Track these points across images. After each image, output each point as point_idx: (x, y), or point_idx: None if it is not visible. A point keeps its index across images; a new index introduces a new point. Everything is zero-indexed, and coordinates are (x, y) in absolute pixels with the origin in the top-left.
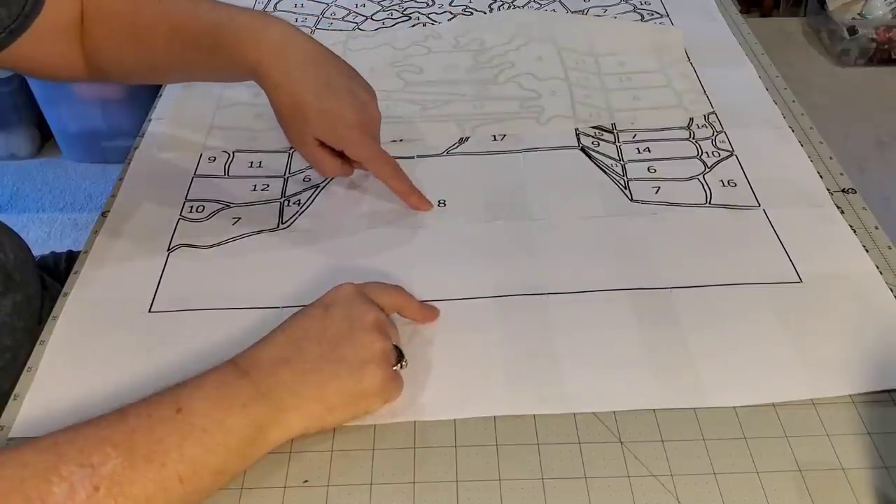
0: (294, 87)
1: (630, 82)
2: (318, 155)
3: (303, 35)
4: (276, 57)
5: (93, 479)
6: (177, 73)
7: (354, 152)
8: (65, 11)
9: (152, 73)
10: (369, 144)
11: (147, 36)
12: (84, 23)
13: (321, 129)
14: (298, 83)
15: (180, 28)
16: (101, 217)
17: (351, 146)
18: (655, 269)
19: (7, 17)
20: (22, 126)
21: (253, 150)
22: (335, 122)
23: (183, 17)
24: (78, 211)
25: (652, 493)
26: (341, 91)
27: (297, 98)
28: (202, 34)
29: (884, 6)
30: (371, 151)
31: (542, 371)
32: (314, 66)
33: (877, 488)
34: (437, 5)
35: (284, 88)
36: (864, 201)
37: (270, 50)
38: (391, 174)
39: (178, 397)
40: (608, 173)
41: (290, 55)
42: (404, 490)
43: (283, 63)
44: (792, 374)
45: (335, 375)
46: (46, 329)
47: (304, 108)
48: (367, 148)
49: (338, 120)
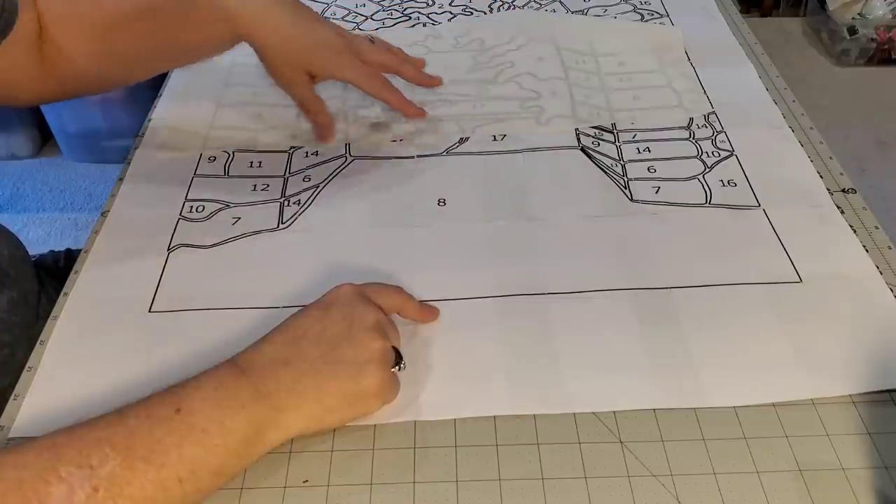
0: (278, 29)
1: (630, 82)
2: (307, 92)
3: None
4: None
5: (92, 479)
6: (153, 61)
7: (348, 75)
8: (31, 29)
9: (126, 66)
10: (359, 65)
11: (115, 28)
12: (46, 35)
13: (314, 61)
14: (282, 24)
15: (147, 10)
16: (101, 217)
17: (344, 70)
18: (655, 269)
19: None
20: (22, 126)
21: (253, 150)
22: (325, 50)
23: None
24: (78, 211)
25: (652, 493)
26: (320, 23)
27: (282, 37)
28: (172, 9)
29: (884, 6)
30: (363, 70)
31: (542, 371)
32: (289, 7)
33: (877, 488)
34: (437, 5)
35: (268, 33)
36: (864, 201)
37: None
38: (383, 88)
39: (177, 397)
40: (608, 173)
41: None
42: (404, 490)
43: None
44: (792, 374)
45: (334, 376)
46: (46, 329)
47: (293, 44)
48: (359, 68)
49: (327, 47)
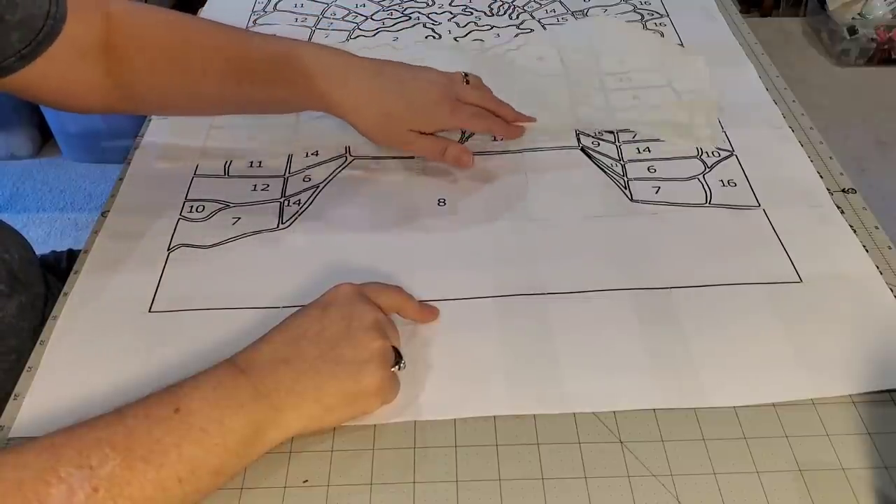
0: (373, 102)
1: (630, 82)
2: (423, 142)
3: (359, 57)
4: (346, 85)
5: (91, 480)
6: (227, 106)
7: (450, 123)
8: (81, 34)
9: (198, 105)
10: (461, 108)
11: (198, 68)
12: (119, 50)
13: (415, 120)
14: (376, 97)
15: (235, 60)
16: (101, 217)
17: (445, 119)
18: (655, 269)
19: (18, 41)
20: (22, 126)
21: (253, 150)
22: (422, 107)
23: (238, 49)
24: (78, 211)
25: (652, 493)
26: (411, 80)
27: (379, 109)
28: (261, 67)
29: (884, 6)
30: (466, 113)
31: (542, 371)
32: (380, 76)
33: (877, 488)
34: (437, 5)
35: (364, 108)
36: (864, 201)
37: (337, 76)
38: (492, 123)
39: (176, 397)
40: (608, 173)
41: (358, 78)
42: (404, 490)
43: (354, 88)
44: (792, 374)
45: (333, 375)
46: (46, 329)
47: (390, 114)
48: (461, 112)
49: (423, 104)
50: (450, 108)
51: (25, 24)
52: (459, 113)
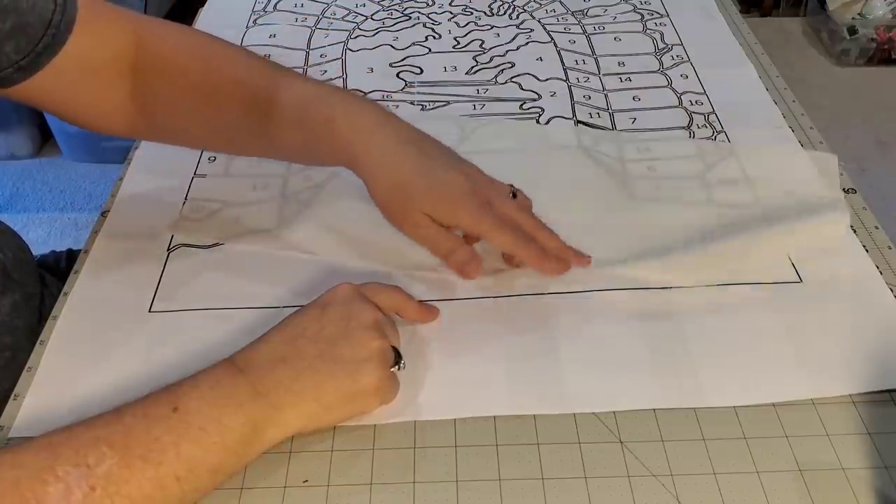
0: (394, 167)
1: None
2: (433, 232)
3: (396, 117)
4: (371, 139)
5: (89, 479)
6: (251, 148)
7: (469, 222)
8: (91, 48)
9: (221, 141)
10: (486, 212)
11: (220, 102)
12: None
13: (431, 203)
14: (399, 162)
15: (260, 98)
16: (101, 217)
17: (465, 215)
18: (655, 268)
19: (14, 52)
20: (22, 126)
21: None
22: (445, 192)
23: (263, 86)
24: (78, 211)
25: (652, 493)
26: (445, 162)
27: (397, 177)
28: (287, 109)
29: (884, 6)
30: (490, 220)
31: (542, 371)
32: (411, 143)
33: (877, 488)
34: (437, 5)
35: (383, 170)
36: (864, 201)
37: (365, 132)
38: (516, 241)
39: (175, 396)
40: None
41: (386, 136)
42: (404, 490)
43: (379, 144)
44: (792, 374)
45: (332, 374)
46: (46, 329)
47: (407, 186)
48: (484, 216)
49: (447, 190)
50: (476, 207)
51: (20, 32)
52: (485, 217)
